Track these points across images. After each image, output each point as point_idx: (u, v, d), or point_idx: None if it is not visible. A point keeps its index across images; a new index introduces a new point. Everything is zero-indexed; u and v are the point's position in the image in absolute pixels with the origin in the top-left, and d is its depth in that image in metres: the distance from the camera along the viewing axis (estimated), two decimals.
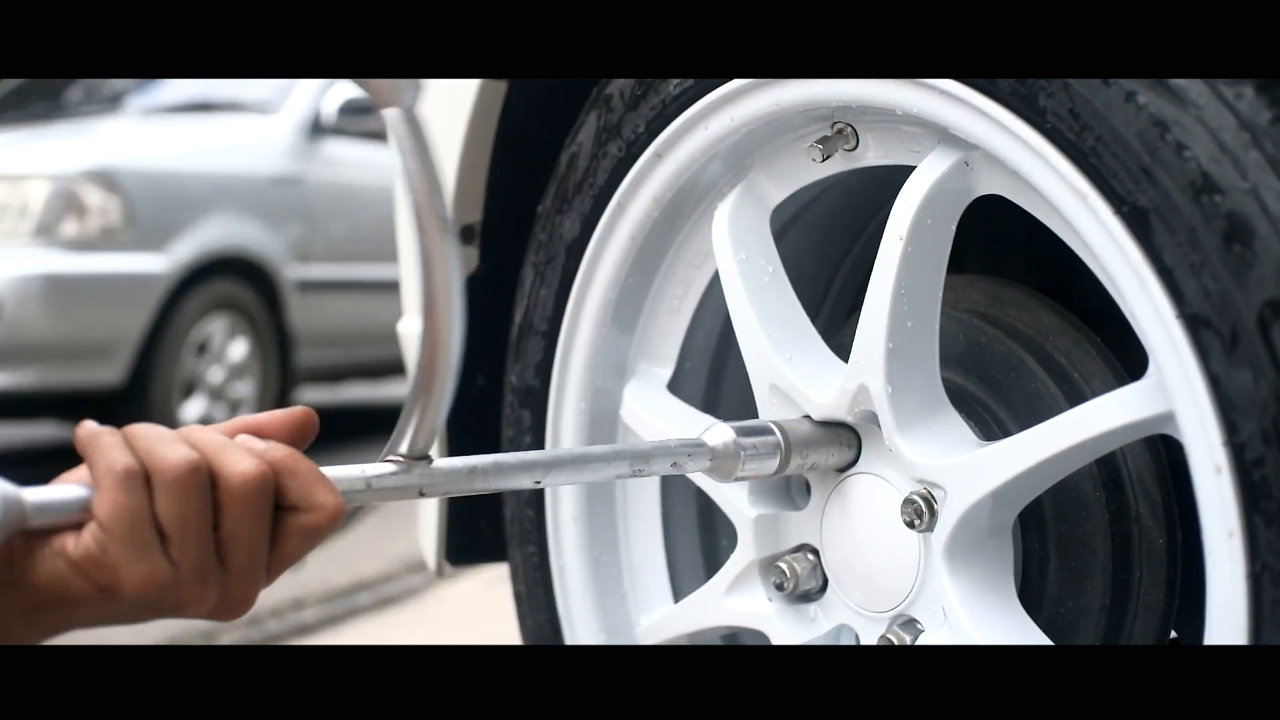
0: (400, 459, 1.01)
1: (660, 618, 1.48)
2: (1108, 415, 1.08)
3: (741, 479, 1.22)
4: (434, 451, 1.74)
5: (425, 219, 0.95)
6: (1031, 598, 1.24)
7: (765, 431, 1.23)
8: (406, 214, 1.74)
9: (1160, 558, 1.22)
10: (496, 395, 1.64)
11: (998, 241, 1.49)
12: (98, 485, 0.89)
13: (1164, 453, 1.22)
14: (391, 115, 0.95)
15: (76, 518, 0.90)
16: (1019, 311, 1.28)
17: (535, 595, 1.57)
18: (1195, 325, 0.98)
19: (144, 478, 0.88)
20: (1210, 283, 0.96)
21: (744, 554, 1.36)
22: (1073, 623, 1.24)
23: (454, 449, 1.72)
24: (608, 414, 1.50)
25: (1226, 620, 1.00)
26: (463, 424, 1.72)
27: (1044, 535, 1.24)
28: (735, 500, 1.36)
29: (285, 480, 0.93)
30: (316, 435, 0.98)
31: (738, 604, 1.37)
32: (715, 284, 1.40)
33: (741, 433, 1.21)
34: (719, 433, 1.21)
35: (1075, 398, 1.21)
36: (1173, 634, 1.28)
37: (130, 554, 0.88)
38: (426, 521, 1.78)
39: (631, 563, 1.53)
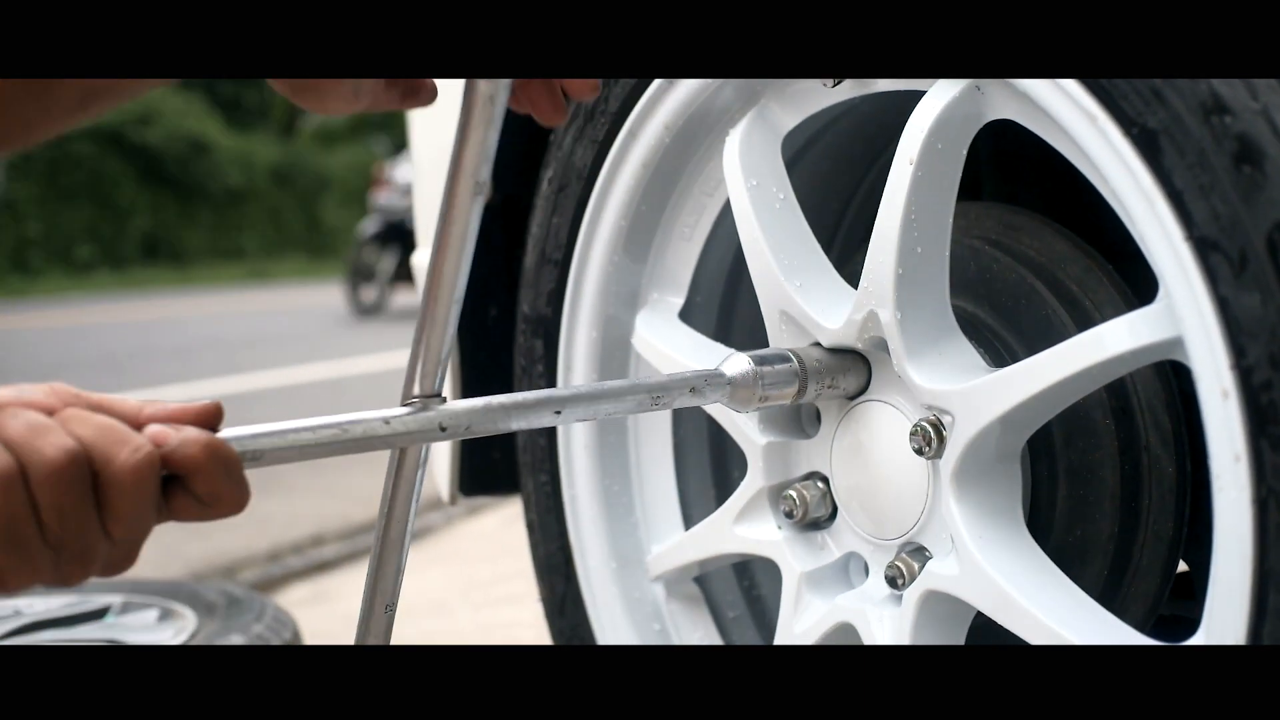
0: (416, 399, 1.00)
1: (671, 546, 1.49)
2: (1116, 340, 1.07)
3: (760, 408, 1.22)
4: (446, 389, 1.75)
5: (463, 179, 0.97)
6: (1040, 526, 1.24)
7: (782, 359, 1.23)
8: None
9: (1170, 486, 1.22)
10: (510, 326, 1.64)
11: (1013, 170, 1.48)
12: None
13: (1174, 382, 1.21)
14: (485, 92, 0.96)
15: None
16: (1031, 239, 1.28)
17: (547, 524, 1.57)
18: (1204, 248, 0.97)
19: (20, 473, 0.82)
20: (1220, 205, 0.96)
21: (754, 482, 1.36)
22: (1081, 551, 1.24)
23: (466, 379, 1.72)
24: (620, 342, 1.50)
25: (1232, 546, 1.00)
26: (475, 356, 1.72)
27: (1053, 463, 1.24)
28: (745, 428, 1.36)
29: (192, 476, 0.88)
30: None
31: (747, 532, 1.38)
32: (727, 212, 1.40)
33: (759, 361, 1.20)
34: (736, 362, 1.20)
35: (1086, 325, 1.20)
36: (1181, 565, 1.28)
37: (9, 555, 0.82)
38: (439, 452, 1.79)
39: (643, 491, 1.53)
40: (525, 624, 2.20)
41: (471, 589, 3.25)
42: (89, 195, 19.86)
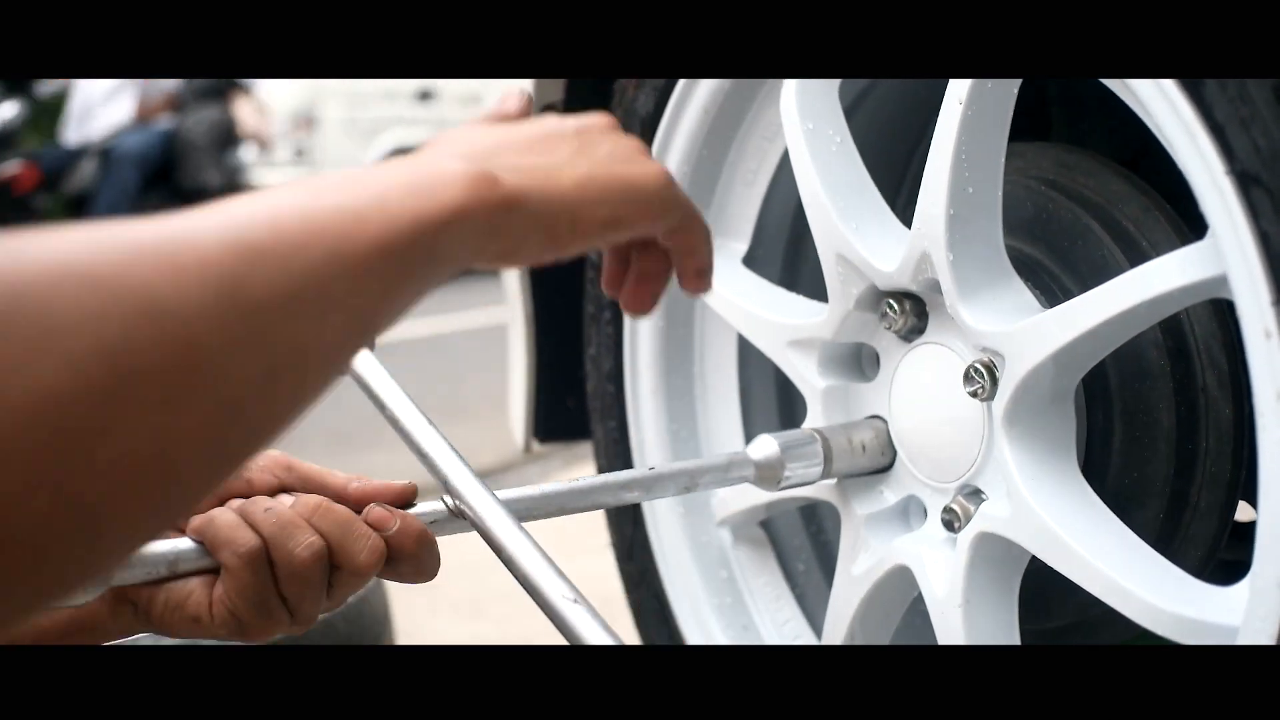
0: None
1: (736, 490, 1.49)
2: (1166, 277, 1.06)
3: (786, 488, 1.29)
4: (519, 336, 1.76)
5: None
6: (1095, 469, 1.23)
7: (808, 440, 1.28)
8: None
9: (1227, 428, 1.20)
10: (582, 273, 1.66)
11: (1081, 112, 1.47)
12: (225, 566, 0.96)
13: (1231, 322, 1.20)
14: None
15: (165, 575, 0.96)
16: (1087, 179, 1.26)
17: (616, 469, 1.58)
18: (1246, 182, 0.96)
19: (267, 556, 0.96)
20: (1261, 138, 0.94)
21: (814, 425, 1.36)
22: (1136, 495, 1.23)
23: (540, 331, 1.74)
24: None
25: (1276, 486, 0.99)
26: (549, 307, 1.73)
27: (1109, 406, 1.23)
28: (805, 372, 1.37)
29: (402, 564, 1.01)
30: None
31: None
32: (789, 157, 1.40)
33: (785, 444, 1.26)
34: (763, 445, 1.26)
35: (1141, 264, 1.19)
36: (1240, 506, 1.26)
37: (260, 621, 0.97)
38: (515, 400, 1.81)
39: (709, 435, 1.54)
40: (603, 576, 2.22)
41: (563, 540, 3.28)
42: None
